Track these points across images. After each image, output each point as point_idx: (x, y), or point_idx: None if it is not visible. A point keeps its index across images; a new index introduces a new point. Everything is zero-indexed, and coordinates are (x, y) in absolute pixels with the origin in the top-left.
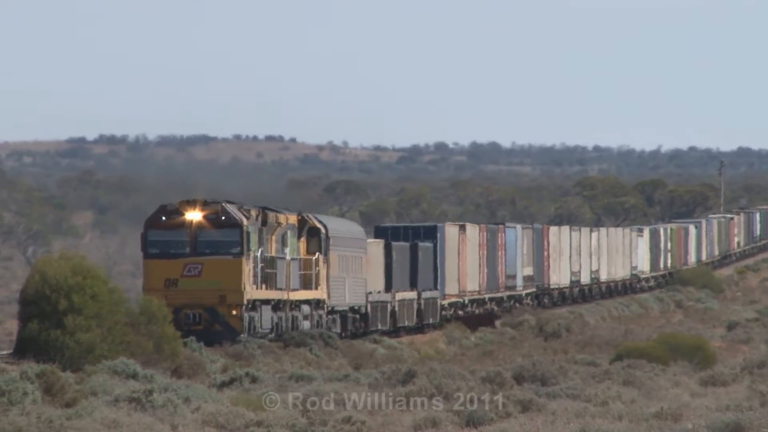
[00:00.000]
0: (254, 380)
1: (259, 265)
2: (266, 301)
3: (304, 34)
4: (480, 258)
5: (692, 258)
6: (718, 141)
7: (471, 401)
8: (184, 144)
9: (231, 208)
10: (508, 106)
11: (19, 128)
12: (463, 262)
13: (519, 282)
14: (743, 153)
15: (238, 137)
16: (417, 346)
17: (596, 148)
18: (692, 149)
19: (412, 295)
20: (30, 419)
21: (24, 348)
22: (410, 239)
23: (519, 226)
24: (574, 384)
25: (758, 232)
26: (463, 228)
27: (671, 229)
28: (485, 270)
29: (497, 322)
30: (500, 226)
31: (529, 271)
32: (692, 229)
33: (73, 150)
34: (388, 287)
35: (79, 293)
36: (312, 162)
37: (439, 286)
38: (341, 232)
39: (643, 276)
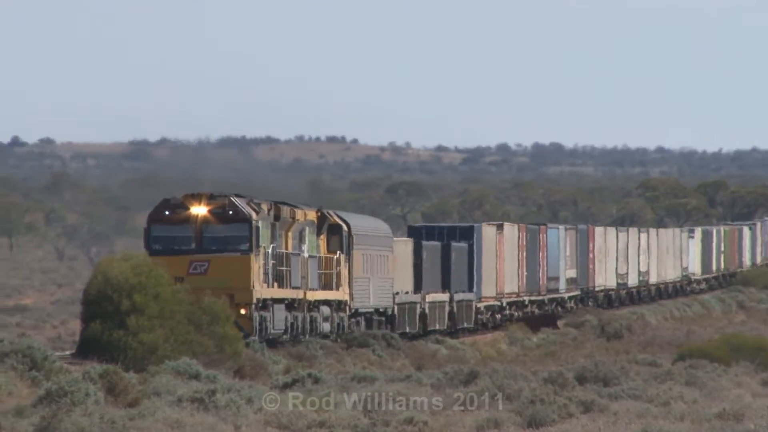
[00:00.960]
0: (316, 381)
1: (271, 262)
2: (279, 301)
3: (368, 36)
4: (519, 259)
5: (746, 260)
6: None
7: (533, 402)
8: (246, 145)
9: (239, 202)
10: (571, 108)
11: (83, 130)
12: (501, 263)
13: (562, 284)
14: None
15: (300, 138)
16: (479, 346)
17: (658, 150)
18: (755, 150)
19: (444, 297)
20: (93, 420)
21: (87, 348)
22: (445, 240)
23: (562, 227)
24: (635, 384)
25: None
26: (500, 228)
27: (724, 230)
28: (524, 272)
29: (559, 323)
30: (541, 226)
31: (572, 273)
32: (746, 231)
33: (136, 152)
34: (418, 288)
35: (141, 293)
36: (373, 163)
37: (474, 288)
38: (365, 229)
39: (695, 278)
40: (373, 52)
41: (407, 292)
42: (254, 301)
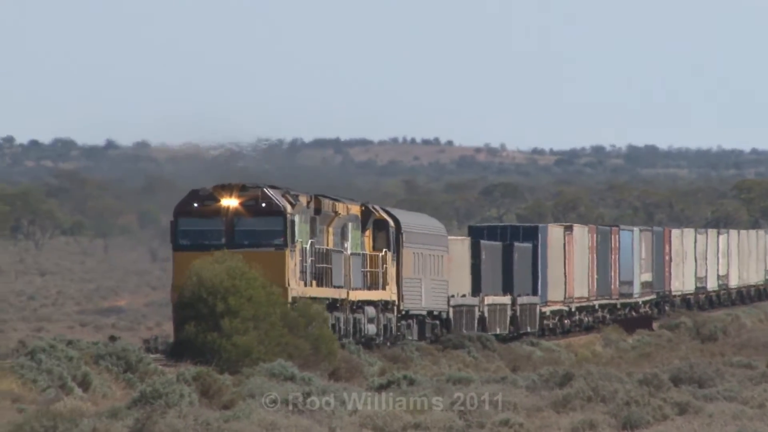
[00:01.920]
0: (411, 383)
1: (309, 259)
2: (319, 301)
3: (463, 39)
4: (590, 262)
5: None
6: None
7: (628, 404)
8: (340, 146)
9: (273, 194)
10: (666, 110)
11: (178, 132)
12: (570, 265)
13: (636, 288)
14: None
15: (395, 140)
16: (574, 348)
17: (753, 151)
18: None
19: (505, 300)
20: (187, 422)
21: (181, 350)
22: (507, 240)
23: (636, 229)
24: (731, 386)
25: None
26: (569, 229)
27: None
28: (595, 275)
29: (654, 325)
30: (613, 228)
31: (647, 276)
32: None
33: (231, 153)
34: (476, 290)
35: (235, 296)
36: (468, 164)
37: (539, 291)
38: (415, 226)
39: None
40: (468, 54)
41: (464, 295)
42: (290, 300)
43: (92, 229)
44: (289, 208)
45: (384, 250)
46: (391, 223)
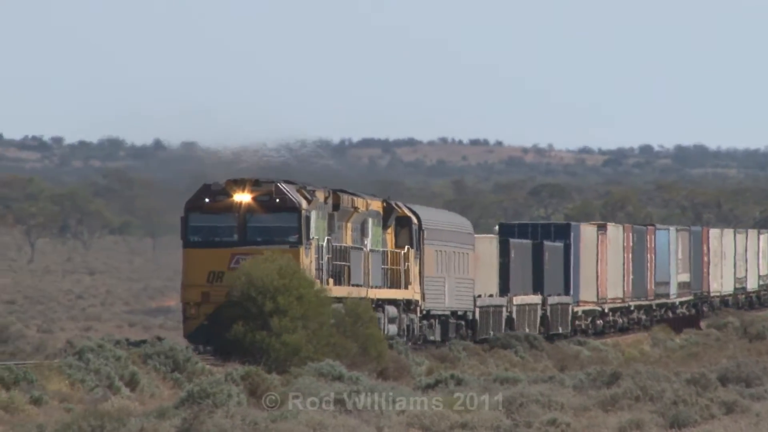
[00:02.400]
0: (459, 382)
1: (326, 257)
2: (337, 300)
3: (510, 41)
4: (624, 262)
5: None
6: None
7: (675, 403)
8: (389, 146)
9: (288, 189)
10: (714, 109)
11: (226, 133)
12: (603, 265)
13: (672, 289)
14: None
15: (443, 140)
16: (622, 348)
17: None
18: None
19: (535, 299)
20: (235, 421)
21: (229, 349)
22: (538, 239)
23: (673, 228)
24: None
25: None
26: (603, 228)
27: None
28: (630, 275)
29: (702, 324)
30: (649, 227)
31: (684, 277)
32: None
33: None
34: (504, 290)
35: (284, 295)
36: (516, 165)
37: (571, 291)
38: (439, 223)
39: None
40: (517, 55)
41: (491, 295)
42: None
43: (140, 229)
44: (304, 203)
45: (406, 247)
46: (414, 219)
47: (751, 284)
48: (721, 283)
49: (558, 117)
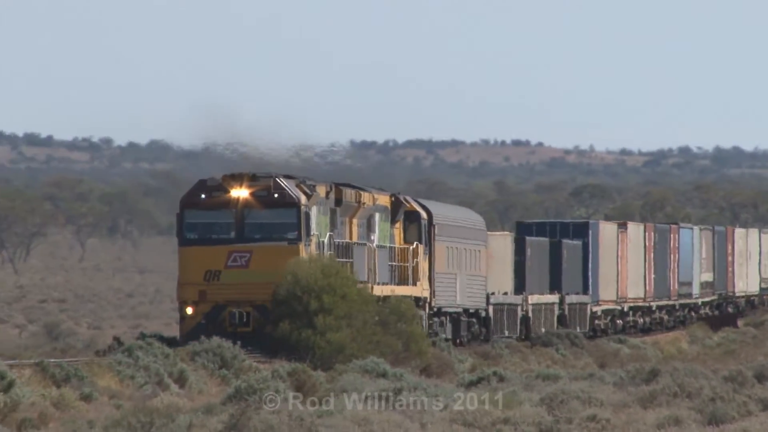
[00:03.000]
0: (501, 379)
1: (327, 253)
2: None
3: (552, 42)
4: (646, 261)
5: None
6: None
7: (713, 400)
8: (432, 147)
9: (286, 184)
10: (752, 111)
11: (266, 133)
12: (623, 264)
13: (695, 289)
14: None
15: (485, 142)
16: (660, 345)
17: None
18: None
19: (553, 298)
20: (281, 417)
21: (275, 347)
22: (557, 237)
23: (696, 228)
24: None
25: None
26: (623, 226)
27: None
28: (652, 275)
29: (739, 322)
30: (672, 226)
31: (708, 277)
32: None
33: (326, 151)
34: (519, 288)
35: (329, 294)
36: (558, 166)
37: (589, 291)
38: (450, 219)
39: None
40: (557, 56)
41: (506, 293)
42: None
43: None
44: (303, 198)
45: (415, 243)
46: (423, 214)
47: None
48: (746, 282)
49: (599, 118)
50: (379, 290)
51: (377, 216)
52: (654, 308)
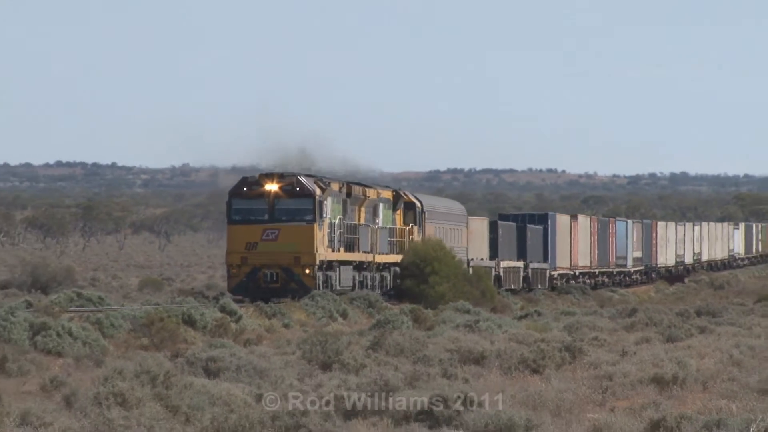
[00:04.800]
0: (539, 315)
1: (337, 231)
2: (346, 262)
3: (570, 93)
4: (591, 242)
5: None
6: None
7: (669, 327)
8: (498, 173)
9: (305, 180)
10: (697, 146)
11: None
12: (575, 243)
13: (629, 261)
14: None
15: (530, 169)
16: (637, 294)
17: None
18: None
19: (519, 264)
20: (405, 338)
21: (401, 295)
22: (524, 223)
23: (630, 221)
24: (731, 317)
25: None
26: (575, 218)
27: (762, 226)
28: (596, 251)
29: (686, 280)
30: (611, 219)
31: (638, 253)
32: None
33: (431, 175)
34: (493, 256)
35: (437, 262)
36: (575, 184)
37: (549, 260)
38: (438, 207)
39: (739, 257)
40: (575, 108)
41: (482, 259)
42: (317, 262)
43: None
44: (318, 191)
45: (410, 224)
46: (418, 204)
47: (688, 259)
48: (666, 258)
49: (599, 153)
50: (381, 258)
51: (381, 205)
52: (597, 273)
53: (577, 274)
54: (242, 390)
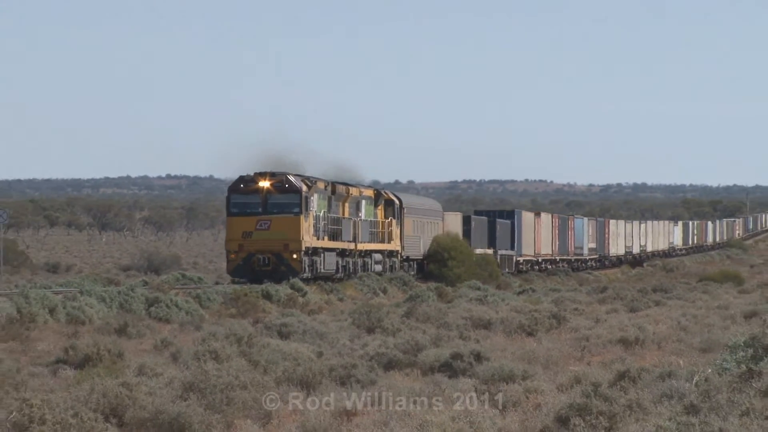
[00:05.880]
0: (533, 291)
1: (321, 222)
2: (330, 249)
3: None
4: (553, 235)
5: (709, 239)
6: None
7: (632, 300)
8: (503, 183)
9: (293, 178)
10: (655, 159)
11: (416, 171)
12: (539, 235)
13: (585, 251)
14: None
15: (527, 180)
16: (607, 275)
17: None
18: None
19: (489, 251)
20: (431, 308)
21: (427, 276)
22: (494, 218)
23: (586, 219)
24: (679, 293)
25: (751, 227)
26: (538, 215)
27: (696, 223)
28: (557, 242)
29: (645, 264)
30: (570, 216)
31: (593, 245)
32: (710, 224)
33: (451, 185)
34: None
35: (454, 250)
36: (560, 192)
37: (515, 248)
38: (415, 204)
39: (678, 248)
40: (563, 126)
41: None
42: (303, 249)
43: None
44: (304, 188)
45: (390, 218)
46: (397, 201)
47: (635, 249)
48: (617, 248)
49: (578, 167)
50: (362, 246)
51: (363, 202)
52: (558, 260)
53: (540, 260)
54: (307, 348)
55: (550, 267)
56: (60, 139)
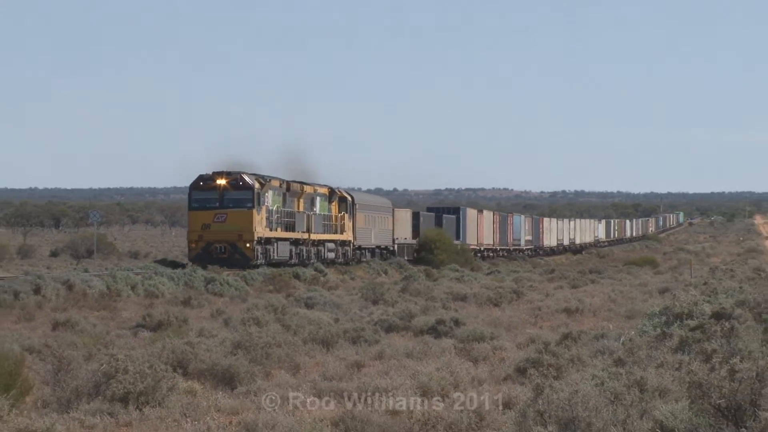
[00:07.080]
0: (499, 272)
1: (275, 215)
2: (284, 239)
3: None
4: (494, 228)
5: (627, 234)
6: None
7: (574, 279)
8: (476, 191)
9: (247, 176)
10: (596, 167)
11: (413, 180)
12: (481, 229)
13: (522, 242)
14: None
15: (494, 188)
16: (555, 261)
17: None
18: None
19: None
20: (421, 285)
21: (417, 261)
22: (442, 214)
23: (523, 216)
24: (610, 273)
25: (662, 224)
26: (481, 212)
27: (616, 221)
28: (498, 235)
29: (584, 252)
30: (509, 214)
31: (529, 237)
32: (628, 222)
33: (435, 192)
34: (415, 236)
35: (439, 241)
36: (519, 197)
37: (461, 239)
38: (367, 201)
39: (601, 240)
40: (526, 140)
41: (406, 238)
42: (255, 239)
43: None
44: (257, 185)
45: (343, 213)
46: (349, 198)
47: (566, 242)
48: (550, 241)
49: (530, 177)
50: (315, 236)
51: (318, 198)
52: (498, 249)
53: (482, 249)
54: (327, 316)
55: (491, 255)
56: (136, 152)
